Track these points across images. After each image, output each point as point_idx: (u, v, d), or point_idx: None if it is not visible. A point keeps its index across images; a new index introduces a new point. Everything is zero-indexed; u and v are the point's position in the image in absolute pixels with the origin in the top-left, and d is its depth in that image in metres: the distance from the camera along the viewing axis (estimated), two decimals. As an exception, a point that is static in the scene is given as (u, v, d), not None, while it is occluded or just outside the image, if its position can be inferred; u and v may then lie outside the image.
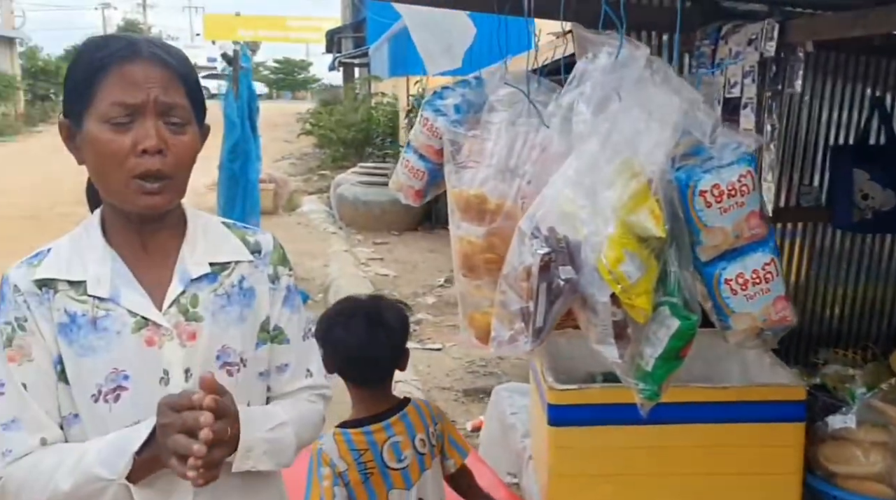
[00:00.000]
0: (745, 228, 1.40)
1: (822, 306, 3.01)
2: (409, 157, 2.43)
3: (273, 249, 1.38)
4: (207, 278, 1.29)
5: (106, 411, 1.21)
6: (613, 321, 1.42)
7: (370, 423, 1.81)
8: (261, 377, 1.35)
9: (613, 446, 1.90)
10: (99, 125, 1.18)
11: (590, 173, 1.37)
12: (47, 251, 1.28)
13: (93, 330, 1.22)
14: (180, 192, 1.26)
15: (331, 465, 1.75)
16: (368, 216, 10.68)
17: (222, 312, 1.28)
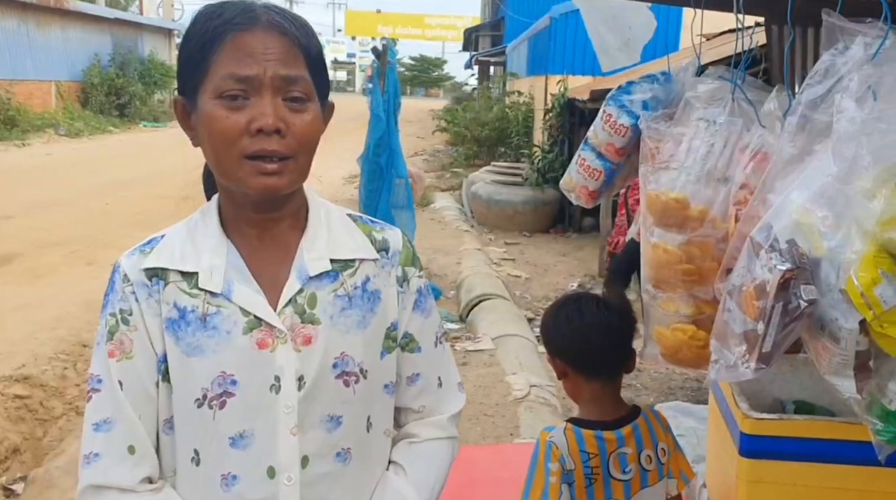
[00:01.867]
0: None
1: None
2: (585, 155, 2.31)
3: (402, 247, 1.24)
4: (328, 277, 1.15)
5: (209, 418, 1.10)
6: (856, 351, 1.24)
7: (603, 428, 1.70)
8: (385, 390, 1.22)
9: (814, 485, 1.70)
10: (212, 101, 1.06)
11: (844, 181, 1.20)
12: (161, 238, 1.17)
13: (202, 328, 1.10)
14: (302, 174, 1.12)
15: (561, 461, 1.66)
16: (501, 216, 10.62)
17: (342, 315, 1.15)
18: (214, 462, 1.12)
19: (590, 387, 1.73)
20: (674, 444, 1.78)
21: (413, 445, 1.28)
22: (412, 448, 1.27)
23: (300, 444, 1.12)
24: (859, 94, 1.20)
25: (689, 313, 1.76)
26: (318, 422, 1.13)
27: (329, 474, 1.15)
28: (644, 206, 1.82)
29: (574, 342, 1.71)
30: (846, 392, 1.29)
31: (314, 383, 1.12)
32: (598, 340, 1.70)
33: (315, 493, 1.14)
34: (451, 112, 17.63)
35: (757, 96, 1.83)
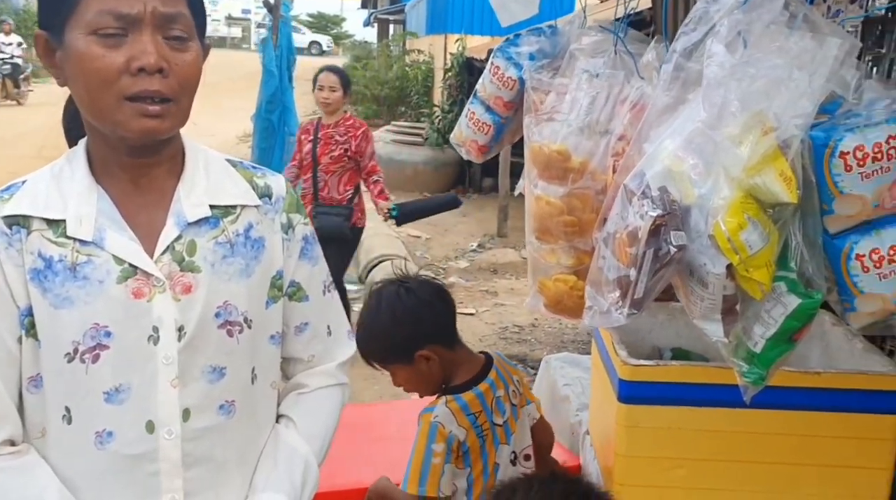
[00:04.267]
0: (888, 197, 1.24)
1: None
2: (474, 108, 2.27)
3: (286, 193, 1.20)
4: (208, 223, 1.11)
5: (82, 373, 1.05)
6: (724, 296, 1.28)
7: (477, 383, 1.75)
8: (271, 340, 1.19)
9: (689, 428, 1.76)
10: (85, 38, 0.99)
11: (713, 127, 1.21)
12: (21, 184, 1.09)
13: (72, 278, 1.04)
14: (184, 117, 1.07)
15: (448, 440, 1.66)
16: (401, 176, 10.54)
17: (224, 263, 1.11)
18: (88, 419, 1.06)
19: (453, 356, 1.77)
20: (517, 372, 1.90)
21: (302, 396, 1.26)
22: (301, 399, 1.26)
23: (181, 396, 1.08)
24: (729, 39, 1.21)
25: (570, 263, 1.77)
26: (200, 374, 1.10)
27: (212, 427, 1.11)
28: (528, 158, 1.81)
29: (428, 325, 1.73)
30: (714, 336, 1.33)
31: (195, 333, 1.08)
32: (441, 306, 1.77)
33: (197, 447, 1.10)
34: (349, 70, 17.27)
35: (638, 49, 1.83)
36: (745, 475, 1.77)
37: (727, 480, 1.77)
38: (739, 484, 1.77)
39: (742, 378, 1.35)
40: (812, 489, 1.76)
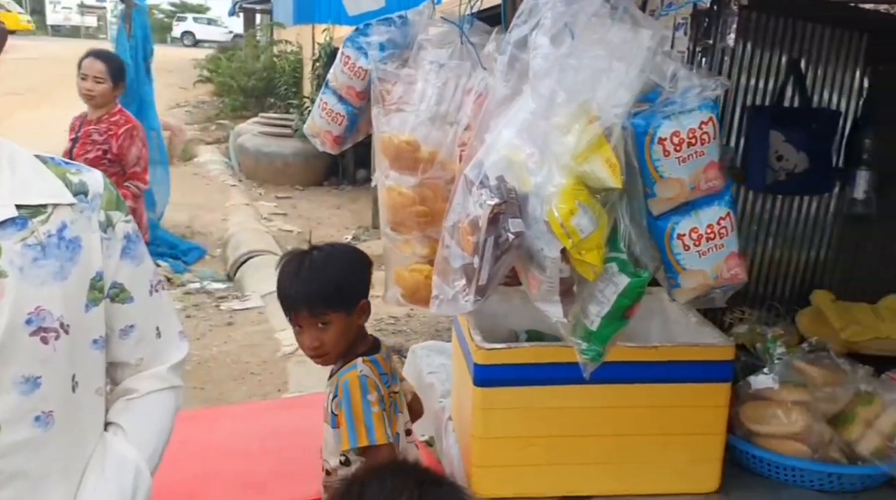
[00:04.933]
0: (703, 179, 1.32)
1: (734, 268, 3.05)
2: (327, 98, 2.25)
3: (104, 189, 1.15)
4: (14, 225, 1.04)
5: None
6: (561, 278, 1.33)
7: (376, 352, 1.78)
8: (94, 345, 1.13)
9: (541, 406, 1.83)
10: None
11: (544, 117, 1.26)
12: None
13: None
14: None
15: (377, 389, 1.69)
16: (270, 169, 10.29)
17: (35, 266, 1.04)
18: None
19: (358, 320, 1.77)
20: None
21: (131, 401, 1.21)
22: (130, 405, 1.20)
23: None
24: (553, 31, 1.25)
25: (424, 253, 1.80)
26: (11, 385, 1.02)
27: (28, 441, 1.04)
28: (378, 149, 1.81)
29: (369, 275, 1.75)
30: (554, 317, 1.38)
31: (3, 342, 1.00)
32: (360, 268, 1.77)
33: (10, 464, 1.02)
34: (214, 61, 16.64)
35: (483, 40, 1.87)
36: (594, 449, 1.86)
37: (578, 454, 1.85)
38: (589, 457, 1.86)
39: (581, 356, 1.42)
40: (655, 457, 1.87)
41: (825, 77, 2.99)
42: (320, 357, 1.77)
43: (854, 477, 1.85)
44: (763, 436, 1.91)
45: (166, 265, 6.19)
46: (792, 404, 1.89)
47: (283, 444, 2.28)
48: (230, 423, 2.54)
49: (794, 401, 1.89)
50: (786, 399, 1.90)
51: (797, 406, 1.89)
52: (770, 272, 3.12)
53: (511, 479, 1.87)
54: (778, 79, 2.93)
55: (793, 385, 1.93)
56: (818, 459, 1.85)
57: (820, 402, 1.89)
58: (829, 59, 2.97)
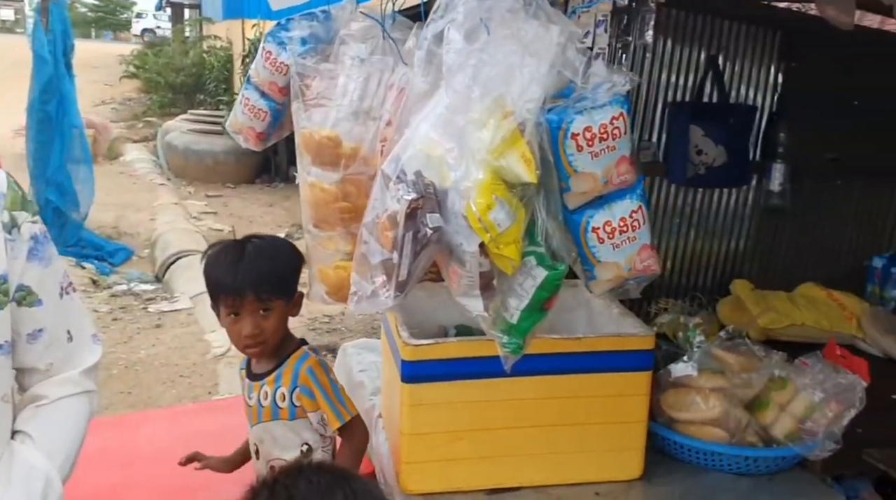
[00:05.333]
0: (615, 173, 1.35)
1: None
2: (248, 94, 2.21)
3: (7, 189, 1.11)
4: None
5: None
6: (480, 273, 1.34)
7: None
8: (1, 351, 1.10)
9: (468, 401, 1.84)
10: None
11: (459, 113, 1.26)
12: None
13: None
14: None
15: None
16: (200, 167, 10.06)
17: None
18: None
19: (293, 311, 1.82)
20: None
21: (41, 408, 1.17)
22: (40, 412, 1.17)
23: None
24: (467, 26, 1.26)
25: (348, 250, 1.78)
26: None
27: None
28: (299, 145, 1.79)
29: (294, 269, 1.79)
30: (475, 311, 1.39)
31: None
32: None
33: None
34: (141, 57, 16.16)
35: (406, 35, 1.87)
36: (521, 441, 1.88)
37: (505, 447, 1.87)
38: (517, 450, 1.88)
39: (502, 349, 1.43)
40: (580, 447, 1.90)
41: (742, 73, 3.09)
42: (256, 346, 1.77)
43: (769, 459, 1.92)
44: (683, 422, 1.97)
45: (92, 267, 6.00)
46: (710, 390, 1.95)
47: (213, 448, 2.24)
48: (155, 427, 2.48)
49: (712, 388, 1.95)
50: (704, 386, 1.96)
51: (715, 393, 1.94)
52: (692, 263, 3.22)
53: (440, 474, 1.87)
54: (697, 75, 3.02)
55: (711, 372, 1.99)
56: (735, 443, 1.91)
57: (736, 388, 1.95)
58: (745, 55, 3.08)
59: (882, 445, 2.13)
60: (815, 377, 1.98)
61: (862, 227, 3.31)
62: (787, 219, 3.22)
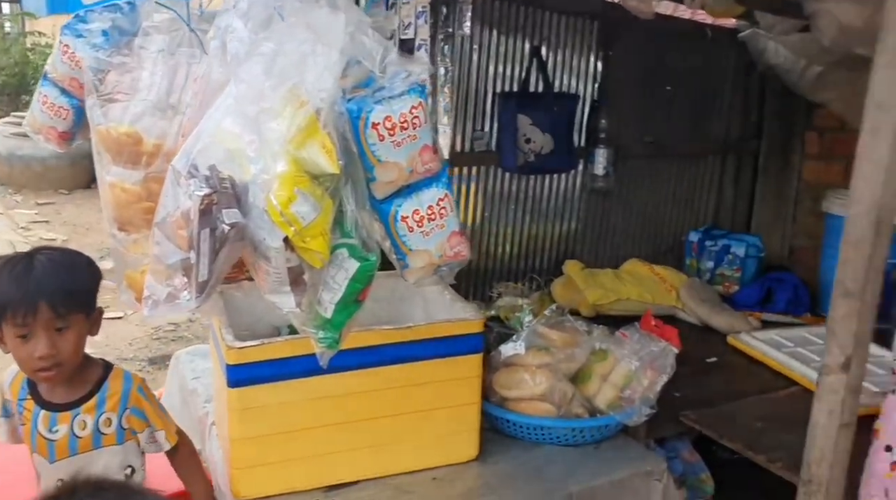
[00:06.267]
0: (419, 162, 1.36)
1: (496, 245, 3.22)
2: (46, 91, 2.06)
3: None
4: None
5: None
6: (288, 268, 1.31)
7: None
8: None
9: (298, 400, 1.80)
10: None
11: (250, 103, 1.22)
12: None
13: None
14: None
15: None
16: (28, 173, 9.27)
17: None
18: None
19: (92, 330, 1.70)
20: None
21: None
22: None
23: None
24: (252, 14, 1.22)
25: (158, 253, 1.69)
26: None
27: None
28: (96, 143, 1.68)
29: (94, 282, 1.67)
30: (286, 308, 1.36)
31: None
32: None
33: None
34: (-49, 54, 14.64)
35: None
36: (355, 435, 1.87)
37: (340, 442, 1.85)
38: (352, 444, 1.86)
39: (318, 345, 1.41)
40: (416, 435, 1.92)
41: (564, 63, 3.22)
42: (51, 369, 1.58)
43: (594, 429, 2.02)
44: (514, 400, 2.03)
45: None
46: (537, 367, 2.02)
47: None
48: None
49: (539, 364, 2.03)
50: (531, 364, 2.03)
51: (542, 369, 2.02)
52: (529, 247, 3.33)
53: (275, 477, 1.83)
54: (523, 65, 3.12)
55: (537, 350, 2.06)
56: (562, 416, 1.99)
57: (561, 363, 2.04)
58: (566, 45, 3.21)
59: (699, 406, 2.30)
60: (633, 348, 2.10)
61: (680, 204, 3.55)
62: (613, 200, 3.41)
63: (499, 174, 3.16)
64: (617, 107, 3.29)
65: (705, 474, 2.33)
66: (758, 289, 3.07)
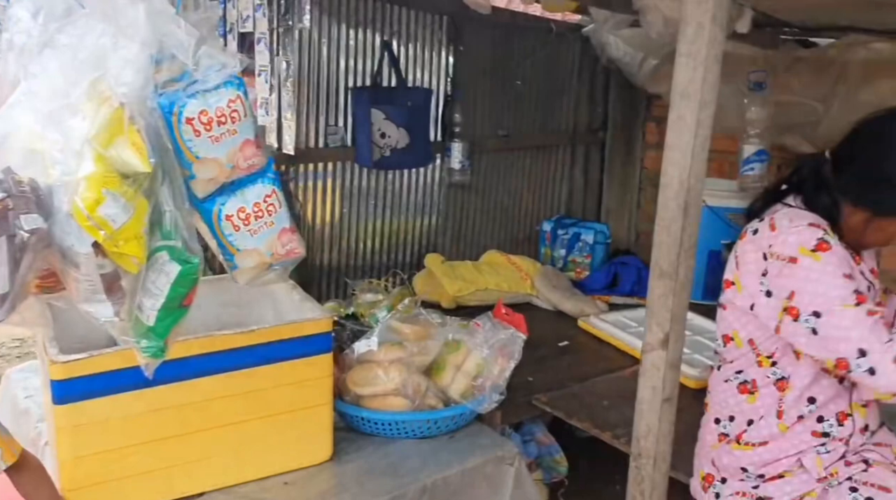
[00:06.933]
0: (241, 158, 1.31)
1: (356, 241, 3.19)
2: None
3: None
4: None
5: None
6: (101, 275, 1.23)
7: None
8: None
9: (134, 413, 1.70)
10: None
11: (51, 100, 1.13)
12: None
13: None
14: None
15: None
16: None
17: None
18: None
19: None
20: None
21: None
22: None
23: None
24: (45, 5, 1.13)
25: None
26: None
27: None
28: None
29: None
30: (103, 317, 1.28)
31: None
32: None
33: None
34: None
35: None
36: (200, 445, 1.79)
37: (183, 454, 1.77)
38: (196, 455, 1.79)
39: (142, 355, 1.33)
40: (266, 440, 1.86)
41: (416, 57, 3.23)
42: None
43: (448, 419, 2.03)
44: (368, 397, 2.01)
45: None
46: (389, 363, 2.02)
47: None
48: None
49: (392, 360, 2.02)
50: (384, 359, 2.02)
51: (395, 364, 2.02)
52: (391, 242, 3.32)
53: (113, 496, 1.72)
54: (375, 60, 3.10)
55: (390, 345, 2.06)
56: (416, 409, 2.00)
57: (414, 356, 2.04)
58: (417, 40, 3.22)
59: (551, 389, 2.38)
60: (485, 336, 2.13)
61: (534, 195, 3.66)
62: (471, 193, 3.46)
63: (356, 170, 3.14)
64: (470, 101, 3.34)
65: (559, 454, 2.41)
66: (605, 273, 3.21)
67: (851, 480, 1.59)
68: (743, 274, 1.61)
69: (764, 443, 1.63)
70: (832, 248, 1.49)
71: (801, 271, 1.49)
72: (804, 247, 1.50)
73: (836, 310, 1.46)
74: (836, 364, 1.49)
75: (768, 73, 2.74)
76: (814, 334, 1.49)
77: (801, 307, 1.50)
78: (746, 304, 1.61)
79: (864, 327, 1.45)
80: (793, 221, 1.54)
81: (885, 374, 1.44)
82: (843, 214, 1.58)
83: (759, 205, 1.68)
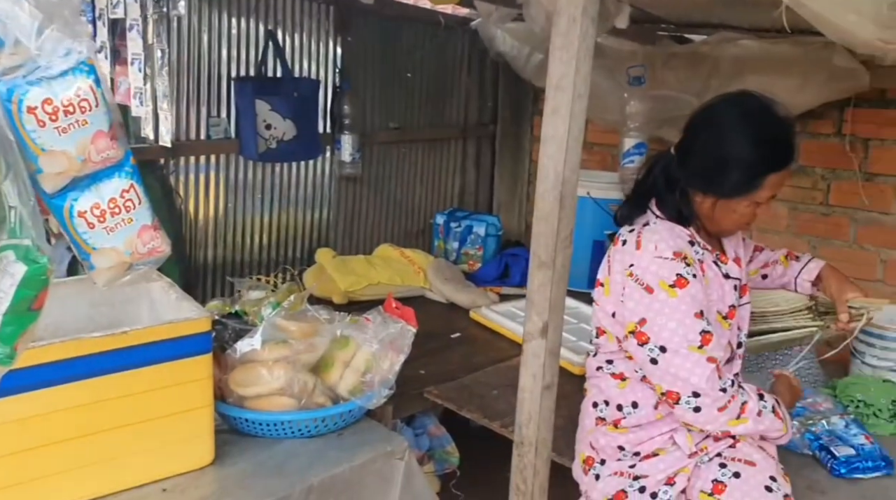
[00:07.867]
0: (93, 150, 1.22)
1: (243, 237, 3.10)
2: None
3: None
4: None
5: None
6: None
7: None
8: None
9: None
10: None
11: None
12: None
13: None
14: None
15: None
16: None
17: None
18: None
19: None
20: None
21: None
22: None
23: None
24: None
25: None
26: None
27: None
28: None
29: None
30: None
31: None
32: None
33: None
34: None
35: None
36: (72, 454, 1.68)
37: (52, 465, 1.66)
38: (68, 464, 1.68)
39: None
40: (143, 446, 1.77)
41: (302, 47, 3.16)
42: None
43: (336, 416, 1.99)
44: (252, 398, 1.95)
45: None
46: (274, 362, 1.96)
47: None
48: None
49: (276, 358, 1.97)
50: (268, 358, 1.96)
51: (279, 363, 1.96)
52: (280, 237, 3.25)
53: (-29, 516, 1.60)
54: (258, 49, 3.01)
55: (275, 343, 2.00)
56: (304, 407, 1.95)
57: (300, 354, 1.99)
58: (303, 29, 3.14)
59: (442, 381, 2.38)
60: (374, 331, 2.10)
61: (427, 188, 3.66)
62: (363, 186, 3.42)
63: (241, 162, 3.04)
64: (360, 93, 3.30)
65: (451, 445, 2.42)
66: (496, 265, 3.25)
67: (721, 456, 1.66)
68: (611, 281, 1.68)
69: (639, 425, 1.68)
70: (689, 284, 1.56)
71: (656, 303, 1.56)
72: (664, 281, 1.57)
73: (681, 351, 1.55)
74: (665, 393, 1.58)
75: (647, 69, 2.83)
76: (653, 364, 1.58)
77: (650, 336, 1.58)
78: (609, 310, 1.69)
79: (703, 374, 1.54)
80: (657, 248, 1.59)
81: (707, 417, 1.56)
82: (695, 205, 1.65)
83: (626, 211, 1.74)
